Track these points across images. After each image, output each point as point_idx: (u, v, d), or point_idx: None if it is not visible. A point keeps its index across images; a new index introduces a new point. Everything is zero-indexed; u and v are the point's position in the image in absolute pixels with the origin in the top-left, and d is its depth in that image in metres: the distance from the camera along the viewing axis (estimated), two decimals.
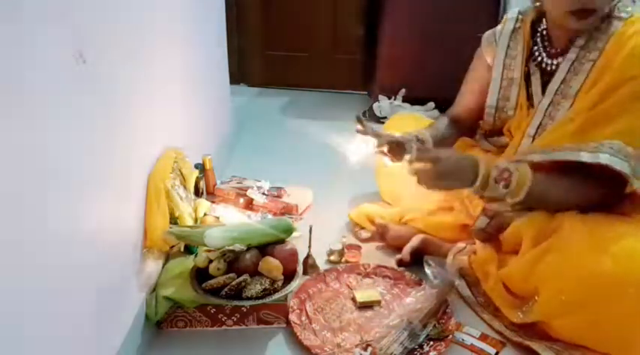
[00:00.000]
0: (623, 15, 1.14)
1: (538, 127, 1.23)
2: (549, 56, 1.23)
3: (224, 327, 1.16)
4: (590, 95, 1.13)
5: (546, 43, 1.24)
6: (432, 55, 2.54)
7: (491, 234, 1.28)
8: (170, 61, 1.38)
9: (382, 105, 2.61)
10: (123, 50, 0.99)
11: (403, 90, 2.65)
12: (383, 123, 2.40)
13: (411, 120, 1.69)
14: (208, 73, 1.85)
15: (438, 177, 1.14)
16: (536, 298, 1.09)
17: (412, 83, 2.64)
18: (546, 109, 1.21)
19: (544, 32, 1.24)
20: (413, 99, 2.66)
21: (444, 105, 1.44)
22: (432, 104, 2.64)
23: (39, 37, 0.68)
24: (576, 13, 1.10)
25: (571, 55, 1.18)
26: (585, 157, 1.09)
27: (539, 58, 1.25)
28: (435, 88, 2.47)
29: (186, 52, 1.53)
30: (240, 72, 3.09)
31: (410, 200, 1.50)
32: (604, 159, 1.07)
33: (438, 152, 1.18)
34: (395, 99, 2.65)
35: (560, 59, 1.20)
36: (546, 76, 1.23)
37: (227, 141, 2.10)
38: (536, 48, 1.26)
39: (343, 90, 3.07)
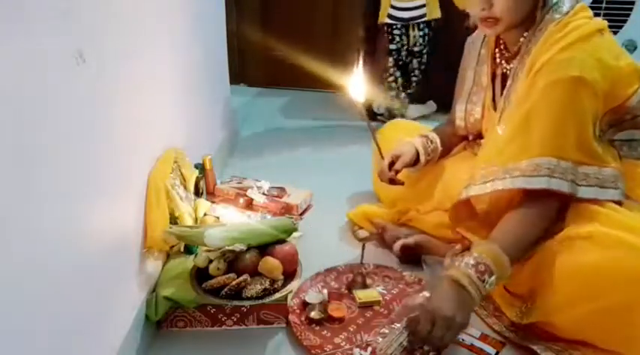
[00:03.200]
0: (556, 16, 1.11)
1: None
2: (506, 61, 1.25)
3: (224, 327, 1.16)
4: (514, 104, 1.14)
5: (502, 48, 1.26)
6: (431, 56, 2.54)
7: None
8: (170, 61, 1.38)
9: (380, 103, 2.62)
10: (123, 50, 0.99)
11: None
12: (380, 120, 2.41)
13: (407, 127, 1.70)
14: (208, 72, 1.85)
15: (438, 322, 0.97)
16: (535, 299, 1.09)
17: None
18: (499, 122, 1.22)
19: (501, 36, 1.25)
20: (412, 100, 2.66)
21: (444, 104, 1.45)
22: (432, 103, 2.65)
23: (39, 36, 0.68)
24: (483, 22, 1.14)
25: (514, 63, 1.19)
26: (524, 183, 1.06)
27: (499, 63, 1.27)
28: (435, 87, 2.48)
29: (186, 52, 1.53)
30: (240, 72, 3.09)
31: (407, 200, 1.50)
32: (541, 183, 1.05)
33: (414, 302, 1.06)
34: None
35: (513, 64, 1.21)
36: (505, 81, 1.24)
37: (227, 141, 2.10)
38: (497, 52, 1.27)
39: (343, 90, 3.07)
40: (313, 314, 1.16)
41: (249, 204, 1.55)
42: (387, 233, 1.47)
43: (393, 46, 2.48)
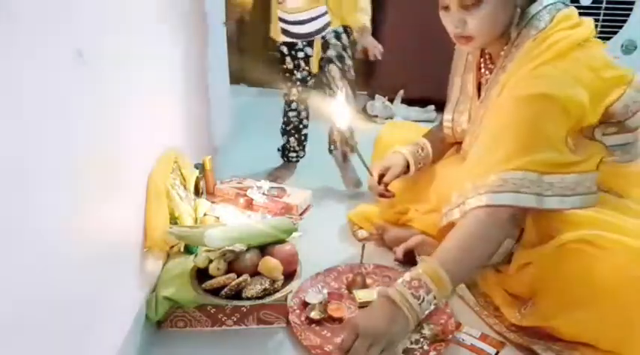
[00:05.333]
0: (532, 32, 1.09)
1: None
2: (490, 71, 1.24)
3: (224, 327, 1.16)
4: (485, 123, 1.14)
5: (487, 58, 1.25)
6: (432, 56, 2.53)
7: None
8: (170, 61, 1.38)
9: (375, 104, 2.62)
10: (123, 50, 0.99)
11: (402, 91, 2.66)
12: (375, 121, 2.41)
13: (407, 128, 1.70)
14: (208, 73, 1.85)
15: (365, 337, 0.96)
16: (534, 302, 1.10)
17: (412, 84, 2.64)
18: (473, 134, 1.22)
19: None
20: (412, 100, 2.66)
21: (443, 107, 1.45)
22: (432, 107, 2.64)
23: (39, 36, 0.68)
24: (457, 39, 1.14)
25: (492, 76, 1.18)
26: (489, 199, 1.04)
27: (484, 73, 1.26)
28: (434, 89, 2.46)
29: (186, 51, 1.53)
30: (240, 72, 3.09)
31: (404, 202, 1.50)
32: (507, 199, 1.03)
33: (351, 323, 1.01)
34: (394, 101, 2.66)
35: (489, 78, 1.20)
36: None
37: (227, 141, 2.10)
38: (482, 62, 1.27)
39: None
40: (313, 314, 1.16)
41: (249, 204, 1.55)
42: (387, 234, 1.47)
43: (298, 75, 1.90)
